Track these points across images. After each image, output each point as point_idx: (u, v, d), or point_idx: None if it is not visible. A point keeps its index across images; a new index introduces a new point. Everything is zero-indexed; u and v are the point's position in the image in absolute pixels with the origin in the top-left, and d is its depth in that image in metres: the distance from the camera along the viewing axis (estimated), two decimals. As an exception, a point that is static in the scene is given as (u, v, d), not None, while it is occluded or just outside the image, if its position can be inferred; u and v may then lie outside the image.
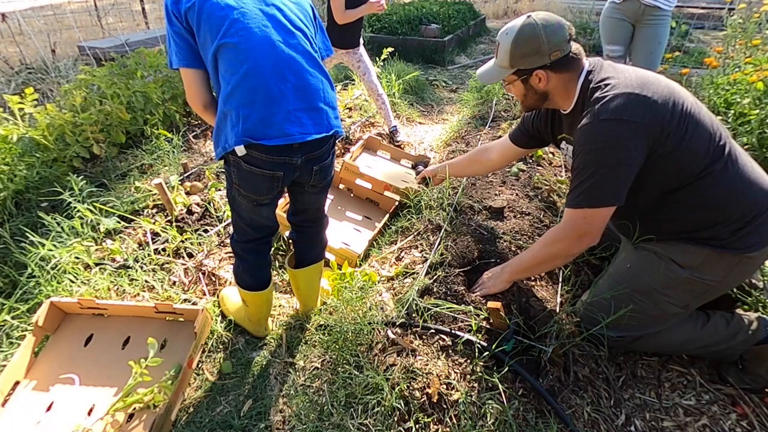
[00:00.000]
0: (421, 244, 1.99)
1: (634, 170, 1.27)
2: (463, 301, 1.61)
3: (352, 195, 2.54)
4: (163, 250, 2.05)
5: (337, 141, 1.36)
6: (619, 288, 1.44)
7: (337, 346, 1.59)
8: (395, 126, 3.35)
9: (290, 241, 1.76)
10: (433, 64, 5.52)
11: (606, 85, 1.30)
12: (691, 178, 1.30)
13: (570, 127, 1.49)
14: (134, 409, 1.40)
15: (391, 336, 1.53)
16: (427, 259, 1.83)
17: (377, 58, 4.18)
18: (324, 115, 1.33)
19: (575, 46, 1.41)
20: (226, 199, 2.45)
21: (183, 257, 2.04)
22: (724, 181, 1.30)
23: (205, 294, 1.89)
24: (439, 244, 1.89)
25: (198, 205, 2.34)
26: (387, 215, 2.37)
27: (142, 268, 1.94)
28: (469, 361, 1.43)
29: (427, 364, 1.41)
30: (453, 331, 1.50)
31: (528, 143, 1.82)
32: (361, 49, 3.11)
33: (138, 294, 1.86)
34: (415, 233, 2.09)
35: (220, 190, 2.48)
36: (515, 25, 1.39)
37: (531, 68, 1.41)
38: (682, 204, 1.35)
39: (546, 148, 2.70)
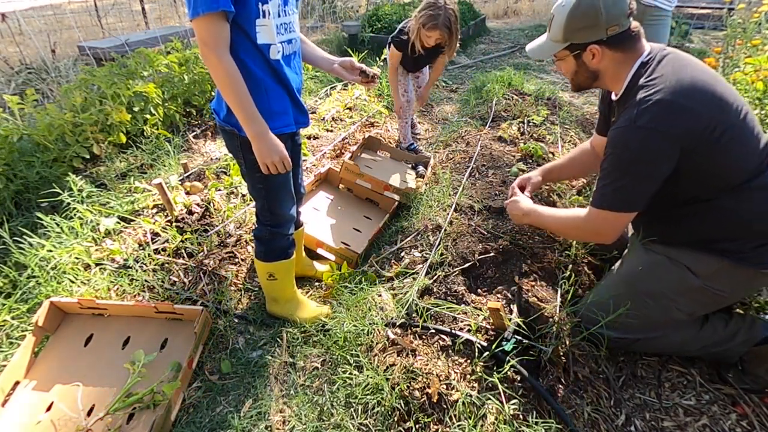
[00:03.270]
0: (421, 244, 1.99)
1: (661, 180, 1.25)
2: (463, 301, 1.62)
3: (352, 195, 2.54)
4: (163, 250, 2.05)
5: (219, 120, 1.44)
6: (627, 289, 1.43)
7: (337, 346, 1.59)
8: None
9: None
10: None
11: (653, 85, 1.23)
12: (725, 190, 1.27)
13: (618, 116, 1.42)
14: (134, 409, 1.40)
15: (391, 336, 1.53)
16: (427, 259, 1.83)
17: (377, 58, 4.18)
18: None
19: (635, 24, 1.33)
20: (226, 200, 2.47)
21: (183, 257, 2.04)
22: (760, 199, 1.26)
23: (205, 294, 1.89)
24: (439, 244, 1.89)
25: (198, 205, 2.34)
26: (387, 215, 2.37)
27: (142, 268, 1.94)
28: (469, 361, 1.43)
29: (427, 364, 1.41)
30: (453, 331, 1.50)
31: (608, 128, 1.67)
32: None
33: (138, 294, 1.86)
34: (415, 233, 2.09)
35: (220, 190, 2.48)
36: None
37: (585, 43, 1.34)
38: (710, 214, 1.31)
39: (546, 147, 2.70)
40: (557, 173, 1.92)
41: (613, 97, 1.46)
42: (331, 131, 3.52)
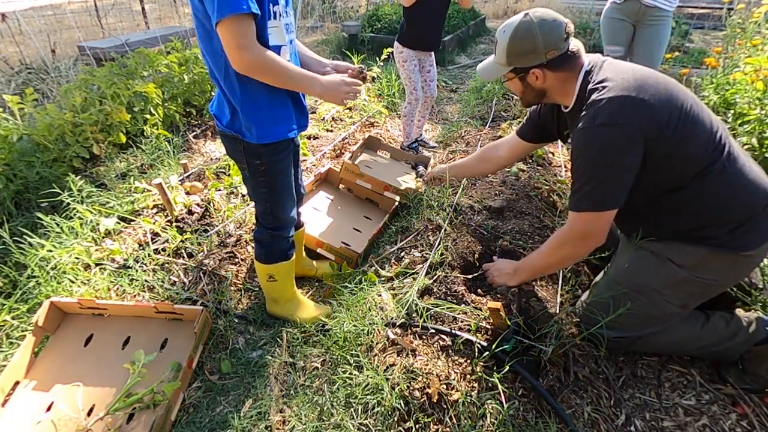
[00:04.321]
0: (421, 244, 1.99)
1: (632, 173, 1.28)
2: (463, 301, 1.61)
3: (352, 195, 2.54)
4: (163, 250, 2.05)
5: (222, 126, 1.41)
6: (617, 288, 1.44)
7: (337, 346, 1.59)
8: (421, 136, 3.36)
9: None
10: (433, 64, 5.52)
11: (603, 87, 1.30)
12: (688, 179, 1.30)
13: (572, 125, 1.49)
14: (134, 409, 1.40)
15: (391, 336, 1.53)
16: (427, 259, 1.83)
17: (377, 59, 4.18)
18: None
19: (573, 43, 1.40)
20: (226, 200, 2.47)
21: (183, 257, 2.04)
22: (722, 183, 1.30)
23: (205, 294, 1.89)
24: (439, 244, 1.89)
25: (198, 205, 2.34)
26: (387, 215, 2.37)
27: (142, 268, 1.94)
28: (469, 361, 1.43)
29: (427, 364, 1.41)
30: (453, 331, 1.50)
31: (536, 137, 1.80)
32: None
33: (138, 294, 1.86)
34: (415, 233, 2.09)
35: (220, 190, 2.48)
36: (512, 23, 1.40)
37: (527, 67, 1.42)
38: (679, 204, 1.35)
39: (545, 147, 2.70)
40: (459, 170, 2.11)
41: (564, 110, 1.53)
42: (331, 131, 3.52)
